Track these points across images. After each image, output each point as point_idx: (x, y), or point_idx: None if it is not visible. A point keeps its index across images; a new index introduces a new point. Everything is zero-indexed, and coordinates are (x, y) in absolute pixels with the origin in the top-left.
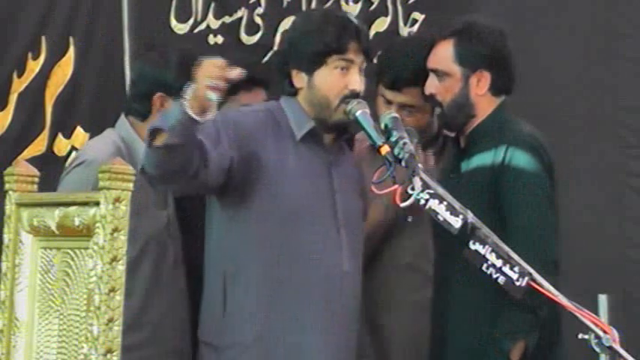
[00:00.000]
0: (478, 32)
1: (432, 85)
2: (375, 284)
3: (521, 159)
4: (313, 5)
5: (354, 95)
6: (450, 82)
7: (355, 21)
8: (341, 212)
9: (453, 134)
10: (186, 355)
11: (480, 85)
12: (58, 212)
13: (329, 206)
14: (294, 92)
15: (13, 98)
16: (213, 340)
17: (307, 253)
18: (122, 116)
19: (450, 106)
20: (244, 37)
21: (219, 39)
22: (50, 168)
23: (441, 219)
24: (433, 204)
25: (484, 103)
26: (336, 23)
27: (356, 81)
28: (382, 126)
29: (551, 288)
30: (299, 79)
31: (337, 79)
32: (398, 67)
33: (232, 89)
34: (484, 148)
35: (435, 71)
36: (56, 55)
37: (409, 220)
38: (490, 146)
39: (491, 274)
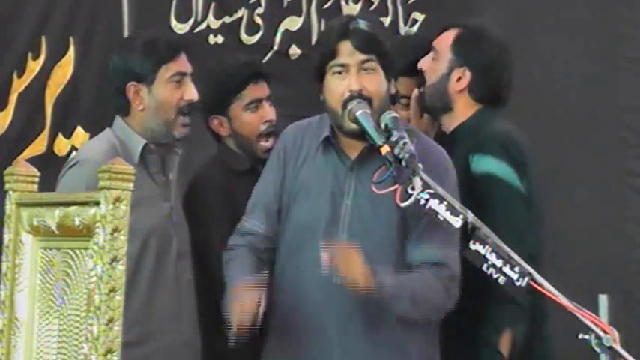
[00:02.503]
0: (481, 34)
1: (426, 61)
2: None
3: (485, 165)
4: (313, 5)
5: (355, 97)
6: (438, 64)
7: (349, 20)
8: (345, 224)
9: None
10: (194, 348)
11: (460, 82)
12: (58, 212)
13: (331, 217)
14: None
15: (13, 98)
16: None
17: (304, 264)
18: (117, 115)
19: (429, 89)
20: (244, 37)
21: (219, 39)
22: (50, 168)
23: (441, 219)
24: (433, 204)
25: (462, 104)
26: (327, 30)
27: (352, 83)
28: (382, 126)
29: (552, 288)
30: (320, 91)
31: (336, 85)
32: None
33: (240, 85)
34: (458, 156)
35: (434, 49)
36: (56, 55)
37: None
38: (461, 156)
39: (491, 274)
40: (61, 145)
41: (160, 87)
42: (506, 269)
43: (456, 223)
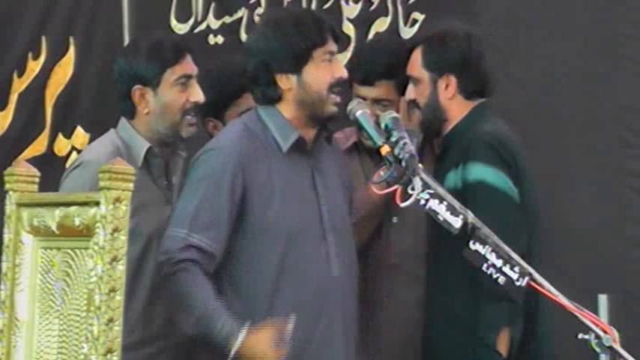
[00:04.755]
0: (443, 38)
1: (410, 91)
2: (361, 285)
3: (476, 172)
4: (313, 5)
5: (341, 83)
6: (421, 88)
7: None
8: (326, 217)
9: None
10: (196, 349)
11: (448, 89)
12: (58, 212)
13: (314, 215)
14: (278, 98)
15: (14, 98)
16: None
17: (297, 265)
18: (122, 117)
19: (424, 112)
20: (244, 37)
21: (220, 39)
22: (50, 168)
23: (441, 219)
24: (433, 204)
25: (455, 108)
26: (311, 19)
27: (341, 69)
28: (382, 126)
29: (552, 288)
30: (286, 82)
31: (325, 71)
32: (369, 62)
33: (236, 93)
34: (450, 161)
35: (411, 78)
36: (56, 55)
37: (394, 221)
38: (452, 162)
39: (491, 274)
40: (61, 145)
41: (166, 90)
42: (506, 269)
43: (456, 223)
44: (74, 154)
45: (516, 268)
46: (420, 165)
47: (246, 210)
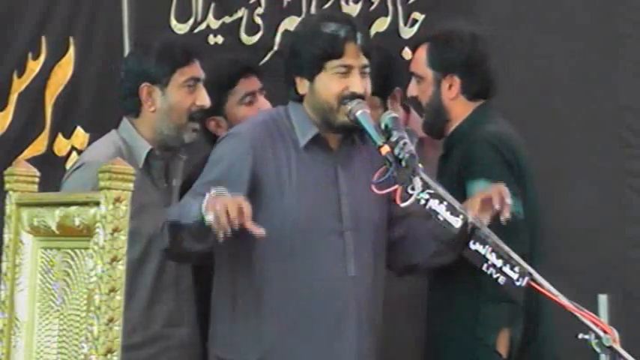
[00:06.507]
0: (449, 38)
1: (412, 88)
2: None
3: (478, 188)
4: (313, 5)
5: (354, 97)
6: (424, 86)
7: (353, 22)
8: (347, 216)
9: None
10: (196, 353)
11: (452, 89)
12: (58, 212)
13: (333, 212)
14: (299, 99)
15: (14, 98)
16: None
17: (309, 262)
18: (124, 118)
19: (427, 111)
20: (244, 37)
21: (219, 39)
22: (50, 168)
23: (441, 219)
24: (433, 204)
25: (458, 108)
26: (331, 27)
27: (356, 83)
28: (382, 126)
29: (552, 288)
30: (302, 85)
31: (337, 84)
32: None
33: (232, 81)
34: (453, 162)
35: (414, 75)
36: (56, 55)
37: None
38: (454, 158)
39: (491, 274)
40: (61, 145)
41: (174, 90)
42: (507, 269)
43: (456, 223)
44: (74, 154)
45: (516, 268)
46: (420, 165)
47: (258, 202)
